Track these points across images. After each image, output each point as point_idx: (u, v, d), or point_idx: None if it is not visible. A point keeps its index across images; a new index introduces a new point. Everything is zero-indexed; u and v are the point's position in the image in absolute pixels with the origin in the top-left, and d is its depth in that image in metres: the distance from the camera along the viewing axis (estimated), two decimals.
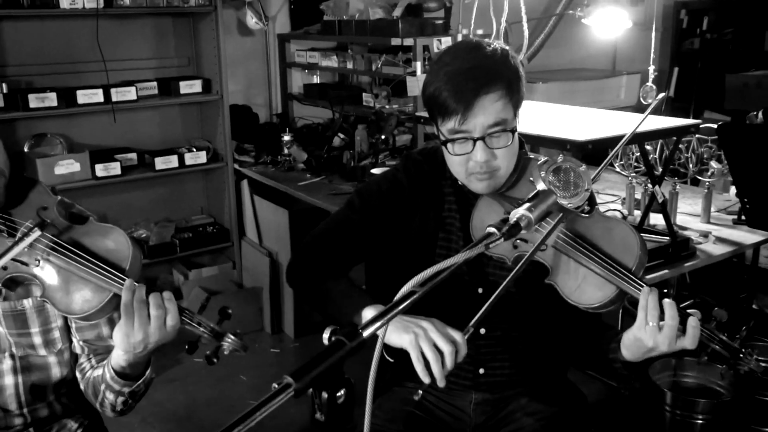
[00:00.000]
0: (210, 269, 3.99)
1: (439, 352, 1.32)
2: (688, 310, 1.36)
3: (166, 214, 4.06)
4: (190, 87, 3.77)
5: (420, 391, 1.33)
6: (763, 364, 1.36)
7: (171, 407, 3.20)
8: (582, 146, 1.97)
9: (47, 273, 1.40)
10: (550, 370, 1.76)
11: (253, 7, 3.90)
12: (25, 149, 3.56)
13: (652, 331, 1.35)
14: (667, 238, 2.26)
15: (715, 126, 2.09)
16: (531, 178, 1.21)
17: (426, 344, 1.33)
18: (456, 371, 1.60)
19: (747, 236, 2.47)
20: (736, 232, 2.53)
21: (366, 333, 0.92)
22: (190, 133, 4.06)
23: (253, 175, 3.85)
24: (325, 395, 0.83)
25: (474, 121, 1.45)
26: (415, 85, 3.24)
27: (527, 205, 1.11)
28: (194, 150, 3.83)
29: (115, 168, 3.57)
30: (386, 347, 1.40)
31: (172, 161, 3.72)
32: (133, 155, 3.75)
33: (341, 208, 1.75)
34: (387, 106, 3.37)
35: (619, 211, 2.67)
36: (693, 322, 1.34)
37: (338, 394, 0.86)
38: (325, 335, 1.32)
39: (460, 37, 3.25)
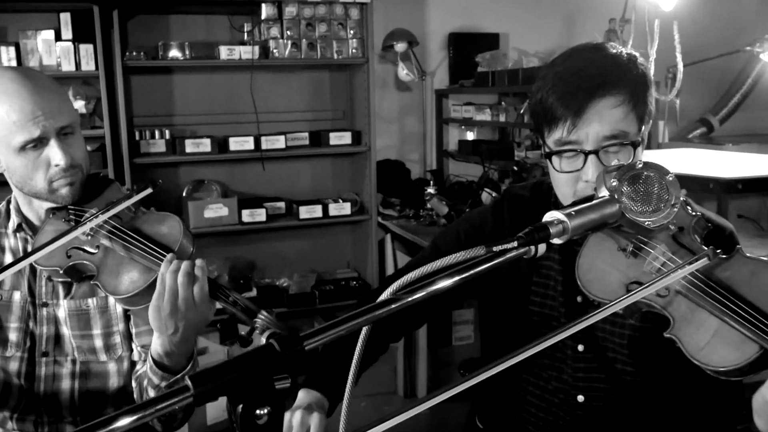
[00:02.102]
0: None
1: None
2: None
3: (310, 264, 4.05)
4: (340, 139, 3.78)
5: None
6: None
7: None
8: (730, 185, 1.60)
9: (105, 259, 1.44)
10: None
11: (409, 61, 3.87)
12: (184, 194, 3.75)
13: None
14: None
15: None
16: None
17: None
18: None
19: None
20: None
21: (308, 346, 0.71)
22: (340, 186, 4.06)
23: (394, 228, 3.74)
24: (239, 410, 0.65)
25: (586, 130, 1.22)
26: None
27: (572, 209, 0.84)
28: (340, 201, 3.81)
29: (261, 214, 3.63)
30: None
31: (317, 211, 3.72)
32: (282, 204, 3.80)
33: (420, 254, 1.58)
34: (530, 155, 3.12)
35: None
36: None
37: (258, 411, 0.66)
38: (263, 337, 1.18)
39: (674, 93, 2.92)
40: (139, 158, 3.49)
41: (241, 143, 3.57)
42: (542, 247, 0.83)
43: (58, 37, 3.39)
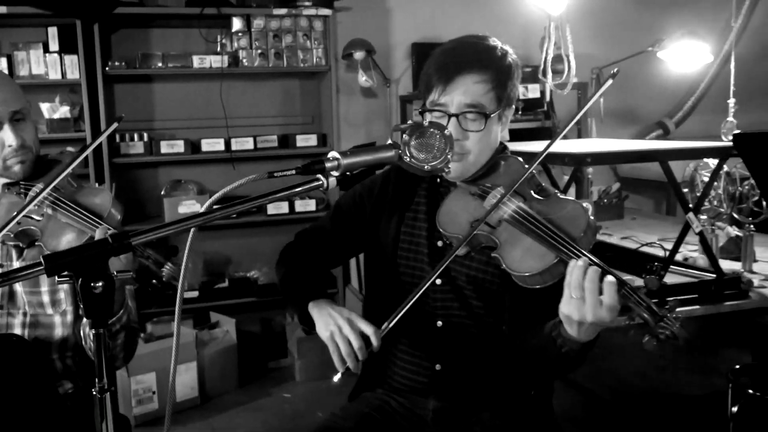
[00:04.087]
0: None
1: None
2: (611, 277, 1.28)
3: None
4: (306, 141, 4.08)
5: (339, 374, 1.43)
6: (684, 330, 1.21)
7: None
8: (581, 158, 1.87)
9: (47, 225, 1.71)
10: (512, 383, 1.65)
11: (370, 69, 4.17)
12: (162, 192, 4.06)
13: (576, 304, 1.29)
14: (712, 274, 2.02)
15: None
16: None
17: (340, 340, 1.45)
18: (413, 368, 1.67)
19: None
20: None
21: (134, 241, 1.00)
22: None
23: None
24: (80, 281, 0.94)
25: (452, 96, 1.53)
26: None
27: (349, 151, 1.12)
28: (306, 198, 4.10)
29: None
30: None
31: (283, 207, 4.01)
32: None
33: (324, 215, 1.87)
34: None
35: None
36: (609, 279, 1.28)
37: (94, 284, 0.95)
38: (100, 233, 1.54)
39: (548, 87, 3.21)
40: (119, 158, 3.81)
41: (212, 144, 3.89)
42: (332, 181, 1.11)
43: (46, 49, 3.73)
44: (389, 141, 1.19)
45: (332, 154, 1.10)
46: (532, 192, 1.48)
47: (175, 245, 1.67)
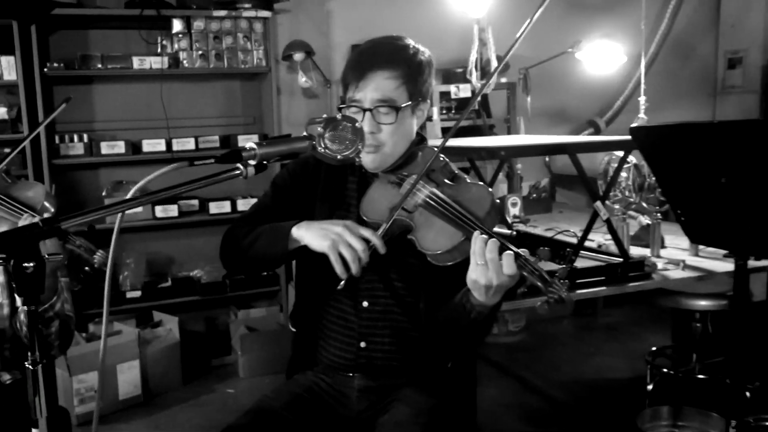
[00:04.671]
0: (258, 310, 4.23)
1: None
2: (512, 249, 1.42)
3: None
4: (248, 141, 4.10)
5: (343, 282, 1.51)
6: (572, 294, 1.36)
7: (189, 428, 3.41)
8: (494, 151, 2.01)
9: None
10: (432, 358, 1.76)
11: (310, 70, 4.26)
12: (104, 194, 4.07)
13: (481, 270, 1.42)
14: (619, 258, 2.19)
15: None
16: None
17: (343, 247, 1.50)
18: (340, 345, 1.76)
19: (725, 265, 2.33)
20: (720, 263, 2.40)
21: (64, 225, 1.08)
22: (251, 184, 4.42)
23: None
24: (12, 261, 1.02)
25: (365, 93, 1.64)
26: (431, 129, 3.38)
27: (265, 141, 1.23)
28: (249, 197, 4.17)
29: (173, 210, 3.98)
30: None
31: (225, 206, 4.08)
32: (195, 201, 4.15)
33: (260, 197, 1.92)
34: None
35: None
36: (507, 252, 1.41)
37: (25, 264, 1.03)
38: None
39: (475, 81, 3.35)
40: (58, 160, 3.82)
41: (153, 145, 3.93)
42: (251, 170, 1.21)
43: None
44: (304, 133, 1.30)
45: (249, 144, 1.20)
46: (444, 179, 1.62)
47: (93, 225, 1.74)
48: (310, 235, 1.57)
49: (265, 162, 1.19)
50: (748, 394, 2.87)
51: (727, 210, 1.69)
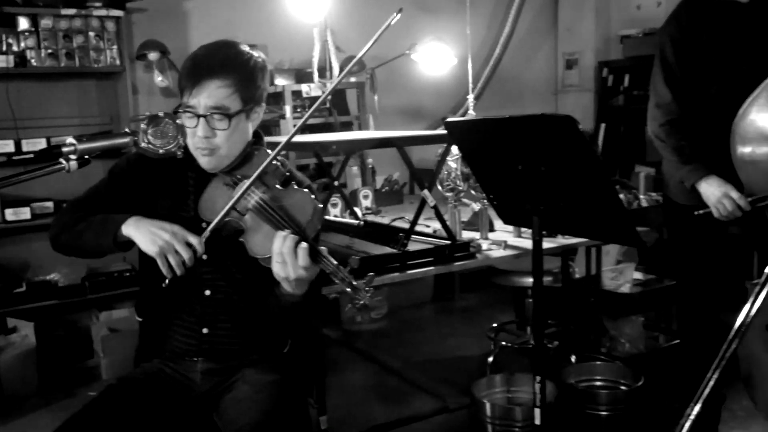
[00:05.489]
0: (120, 311, 4.19)
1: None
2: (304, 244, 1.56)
3: (88, 261, 4.30)
4: None
5: (167, 280, 1.61)
6: (374, 300, 1.53)
7: None
8: (326, 146, 2.17)
9: None
10: (270, 341, 1.90)
11: (165, 68, 4.28)
12: None
13: (280, 265, 1.58)
14: (447, 241, 2.42)
15: None
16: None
17: (170, 253, 1.61)
18: (184, 331, 1.85)
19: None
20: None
21: None
22: None
23: None
24: None
25: (199, 99, 1.70)
26: (285, 127, 3.51)
27: (85, 137, 1.32)
28: None
29: (25, 213, 3.87)
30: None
31: None
32: (50, 203, 4.05)
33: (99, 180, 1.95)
34: None
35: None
36: (302, 245, 1.56)
37: None
38: None
39: (329, 86, 3.52)
40: None
41: (1, 146, 3.80)
42: (74, 164, 1.30)
43: None
44: (126, 129, 1.40)
45: (69, 139, 1.29)
46: (276, 183, 1.71)
47: None
48: (140, 236, 1.67)
49: (86, 156, 1.28)
50: (573, 358, 3.22)
51: (525, 193, 1.94)
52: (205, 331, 1.85)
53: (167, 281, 1.61)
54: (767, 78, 2.24)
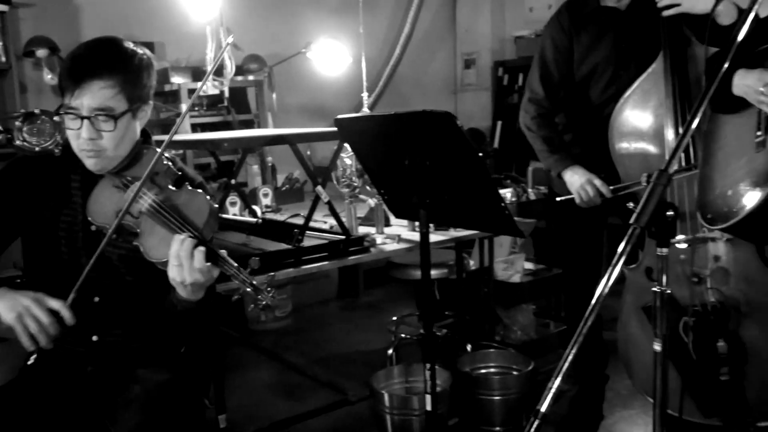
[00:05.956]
0: None
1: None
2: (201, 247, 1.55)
3: None
4: None
5: (32, 357, 1.54)
6: (277, 299, 1.55)
7: None
8: (218, 144, 2.18)
9: None
10: (163, 344, 1.87)
11: (56, 66, 4.12)
12: None
13: (176, 269, 1.55)
14: (342, 236, 2.48)
15: None
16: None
17: (29, 320, 1.53)
18: (72, 339, 1.76)
19: (435, 237, 2.73)
20: (432, 236, 2.78)
21: None
22: None
23: None
24: None
25: (82, 101, 1.63)
26: (181, 126, 3.46)
27: None
28: None
29: None
30: None
31: None
32: None
33: None
34: None
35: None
36: (199, 249, 1.54)
37: None
38: None
39: (211, 80, 3.47)
40: None
41: None
42: None
43: None
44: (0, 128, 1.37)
45: None
46: (168, 183, 1.67)
47: None
48: (1, 304, 1.58)
49: None
50: (469, 347, 3.34)
51: (412, 187, 2.01)
52: (95, 338, 1.80)
53: (33, 358, 1.54)
54: (638, 79, 2.41)
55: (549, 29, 2.66)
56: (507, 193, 3.00)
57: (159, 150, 1.69)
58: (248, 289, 1.57)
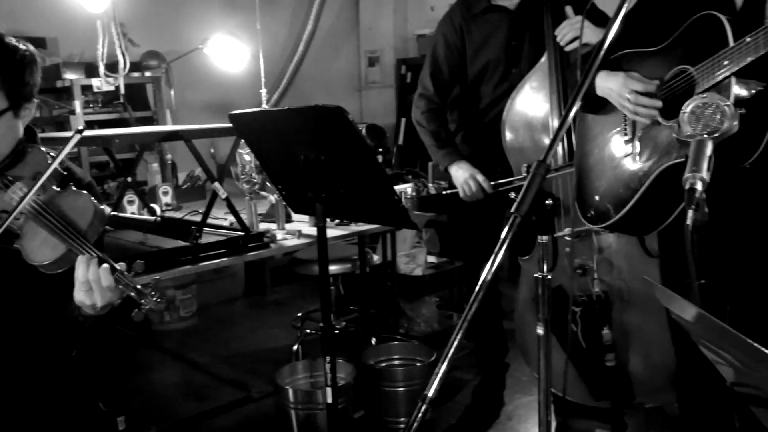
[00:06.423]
0: None
1: None
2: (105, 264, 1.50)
3: None
4: None
5: None
6: (161, 303, 1.52)
7: None
8: (109, 140, 2.12)
9: None
10: (56, 349, 1.80)
11: None
12: None
13: (86, 294, 1.49)
14: (241, 232, 2.47)
15: None
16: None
17: None
18: None
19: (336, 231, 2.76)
20: (333, 230, 2.81)
21: None
22: None
23: None
24: None
25: None
26: (75, 123, 3.36)
27: None
28: None
29: None
30: None
31: None
32: None
33: None
34: None
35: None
36: (104, 266, 1.49)
37: None
38: None
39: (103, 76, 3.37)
40: None
41: None
42: None
43: None
44: None
45: None
46: (53, 185, 1.61)
47: None
48: None
49: None
50: (373, 340, 3.40)
51: (308, 182, 2.03)
52: None
53: None
54: (527, 75, 2.52)
55: (441, 27, 2.73)
56: (408, 188, 3.05)
57: (44, 149, 1.65)
58: (131, 293, 1.52)
